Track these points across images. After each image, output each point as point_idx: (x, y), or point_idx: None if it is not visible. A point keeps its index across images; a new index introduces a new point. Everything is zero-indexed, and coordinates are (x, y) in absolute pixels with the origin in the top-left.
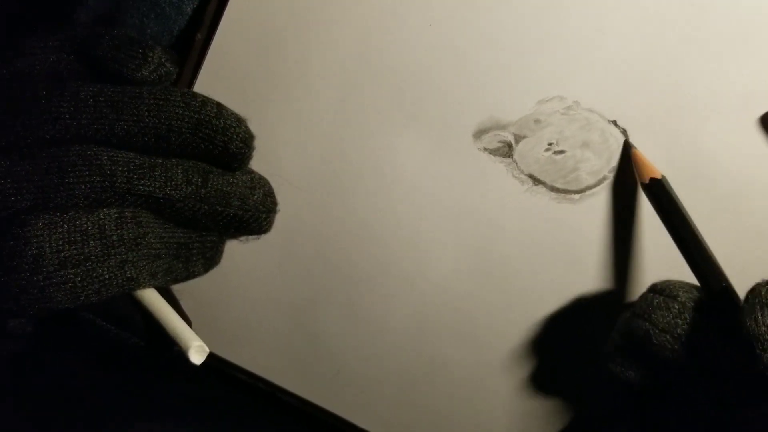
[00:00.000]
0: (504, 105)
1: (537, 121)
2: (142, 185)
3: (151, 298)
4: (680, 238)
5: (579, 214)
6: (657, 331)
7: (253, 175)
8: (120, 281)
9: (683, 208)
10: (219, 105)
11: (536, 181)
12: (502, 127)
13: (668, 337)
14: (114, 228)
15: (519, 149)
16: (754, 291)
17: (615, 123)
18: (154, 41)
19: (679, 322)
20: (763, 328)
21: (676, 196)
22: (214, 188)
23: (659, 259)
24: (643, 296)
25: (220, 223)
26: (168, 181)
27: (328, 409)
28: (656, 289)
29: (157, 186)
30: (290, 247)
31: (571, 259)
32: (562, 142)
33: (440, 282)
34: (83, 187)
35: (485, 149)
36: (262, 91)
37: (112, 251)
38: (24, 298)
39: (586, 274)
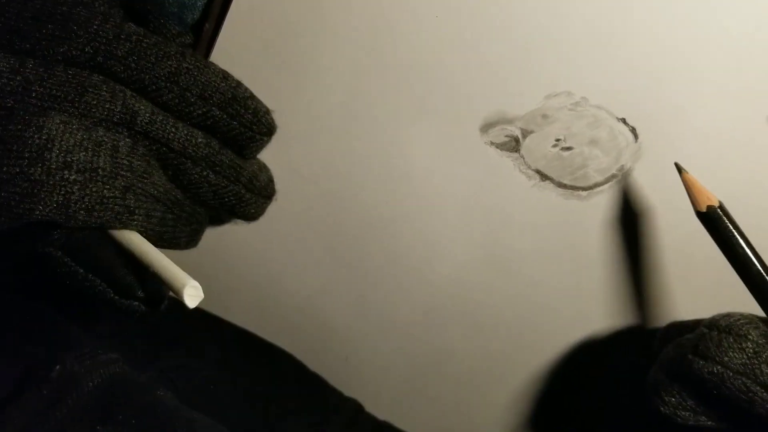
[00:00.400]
0: (511, 99)
1: (544, 117)
2: (163, 131)
3: (139, 241)
4: (743, 271)
5: (586, 211)
6: (731, 374)
7: (258, 159)
8: (117, 206)
9: (744, 236)
10: (251, 91)
11: (543, 176)
12: (509, 121)
13: (745, 380)
14: (126, 152)
15: (526, 144)
16: None
17: (624, 121)
18: None
19: (756, 363)
20: None
21: (736, 224)
22: (229, 158)
23: (666, 259)
24: (705, 335)
25: (220, 197)
26: (189, 136)
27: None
28: (720, 327)
29: (177, 137)
30: (300, 238)
31: (577, 256)
32: (569, 139)
33: (447, 274)
34: (101, 111)
35: (492, 143)
36: (270, 83)
37: (121, 173)
38: (10, 190)
39: (593, 270)
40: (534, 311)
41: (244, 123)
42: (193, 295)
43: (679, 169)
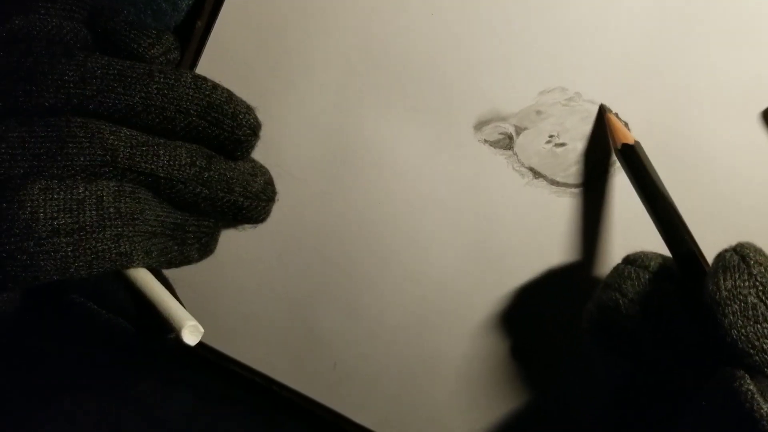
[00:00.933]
0: (505, 96)
1: (538, 113)
2: (145, 163)
3: (144, 278)
4: (651, 204)
5: (579, 209)
6: (626, 300)
7: (254, 163)
8: (113, 255)
9: (656, 174)
10: (229, 91)
11: (536, 174)
12: (503, 118)
13: (637, 307)
14: (112, 200)
15: (520, 141)
16: (719, 256)
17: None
18: None
19: (649, 290)
20: (724, 293)
21: (650, 162)
22: (218, 172)
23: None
24: (615, 267)
25: (219, 208)
26: (172, 160)
27: (324, 404)
28: (628, 260)
29: (160, 165)
30: (289, 239)
31: (571, 254)
32: (563, 135)
33: (439, 276)
34: (82, 159)
35: (486, 141)
36: (262, 80)
37: (108, 223)
38: (11, 265)
39: (587, 268)
40: (527, 310)
41: (226, 128)
42: (192, 333)
43: (605, 110)
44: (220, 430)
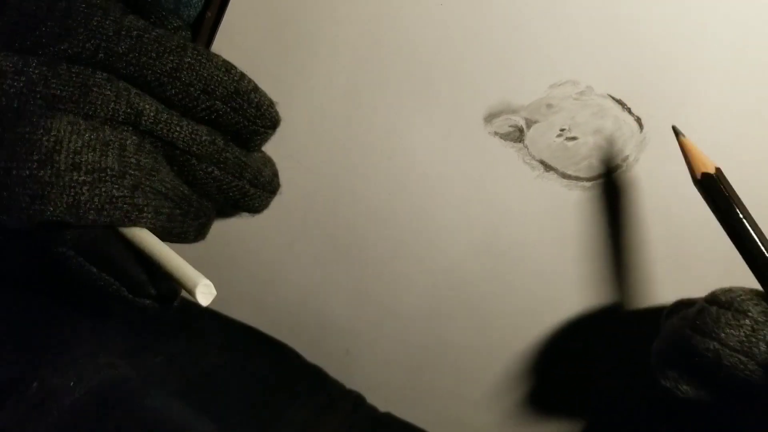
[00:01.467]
0: (516, 88)
1: (549, 106)
2: (167, 130)
3: (150, 239)
4: (741, 240)
5: (590, 202)
6: (728, 351)
7: (263, 153)
8: (126, 205)
9: (743, 205)
10: (255, 82)
11: (547, 167)
12: (514, 111)
13: (742, 357)
14: (134, 151)
15: (530, 134)
16: None
17: (629, 110)
18: None
19: (754, 341)
20: None
21: (734, 191)
22: (233, 155)
23: (671, 251)
24: (704, 310)
25: (225, 192)
26: (193, 134)
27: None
28: (720, 302)
29: (181, 135)
30: (301, 228)
31: (580, 247)
32: (574, 129)
33: (449, 266)
34: (106, 111)
35: (496, 133)
36: (272, 72)
37: (129, 171)
38: (20, 192)
39: (596, 262)
40: (537, 302)
41: (248, 117)
42: (205, 293)
43: (677, 132)
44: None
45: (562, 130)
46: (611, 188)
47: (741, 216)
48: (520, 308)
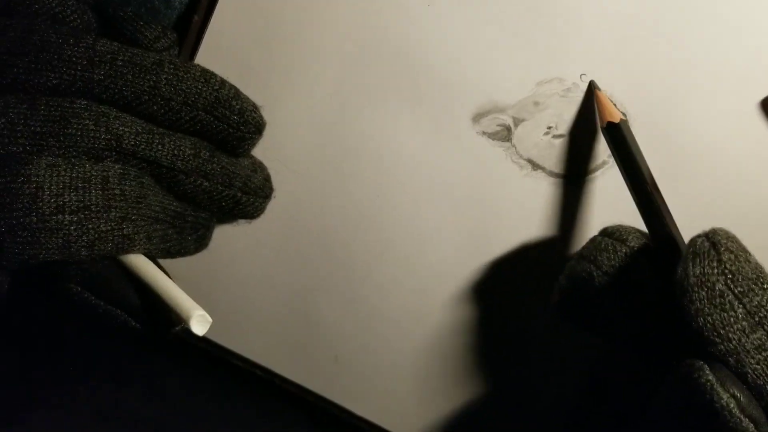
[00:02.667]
0: (503, 87)
1: (536, 104)
2: (149, 150)
3: (147, 268)
4: (633, 184)
5: (578, 199)
6: (600, 273)
7: (253, 159)
8: (116, 237)
9: (641, 154)
10: (236, 88)
11: (535, 165)
12: (501, 110)
13: (611, 280)
14: (117, 182)
15: (518, 133)
16: (691, 241)
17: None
18: None
19: (624, 265)
20: (692, 279)
21: (635, 142)
22: (220, 166)
23: None
24: (592, 238)
25: (217, 202)
26: (176, 150)
27: (325, 396)
28: (606, 232)
29: (164, 153)
30: (287, 232)
31: (570, 245)
32: (561, 126)
33: (438, 267)
34: (86, 141)
35: (484, 133)
36: (259, 75)
37: (114, 204)
38: (11, 240)
39: None
40: (526, 303)
41: (232, 124)
42: (201, 323)
43: (593, 86)
44: (218, 420)
45: (549, 127)
46: (598, 184)
47: (638, 161)
48: (510, 309)
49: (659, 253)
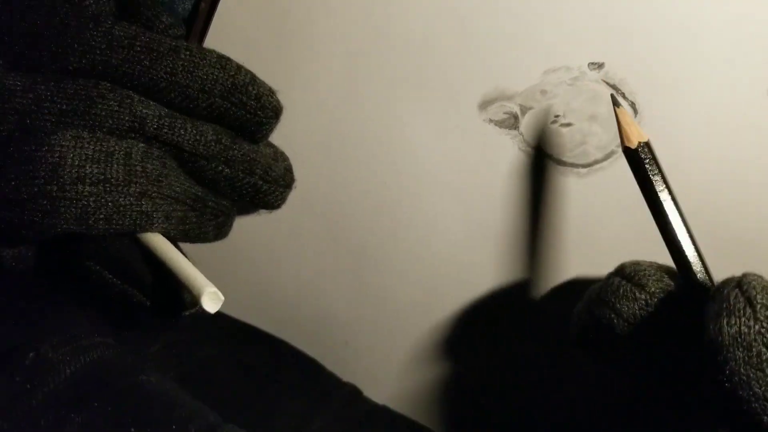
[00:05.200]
0: (510, 74)
1: (543, 92)
2: (171, 134)
3: (162, 245)
4: (658, 212)
5: (586, 189)
6: (621, 321)
7: (275, 148)
8: (134, 213)
9: (665, 179)
10: (252, 73)
11: (542, 154)
12: (508, 97)
13: (630, 330)
14: (140, 158)
15: (525, 121)
16: (722, 293)
17: (623, 96)
18: None
19: (645, 315)
20: (728, 338)
21: (659, 165)
22: (241, 152)
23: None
24: (610, 280)
25: (238, 189)
26: (198, 135)
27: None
28: (624, 274)
29: (186, 138)
30: (298, 219)
31: (577, 235)
32: (569, 115)
33: (446, 255)
34: (111, 121)
35: (491, 120)
36: (267, 62)
37: (134, 179)
38: (31, 209)
39: (592, 249)
40: (533, 291)
41: (249, 109)
42: (212, 300)
43: (615, 102)
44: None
45: (556, 116)
46: (607, 175)
47: (657, 192)
48: (517, 297)
49: (685, 297)
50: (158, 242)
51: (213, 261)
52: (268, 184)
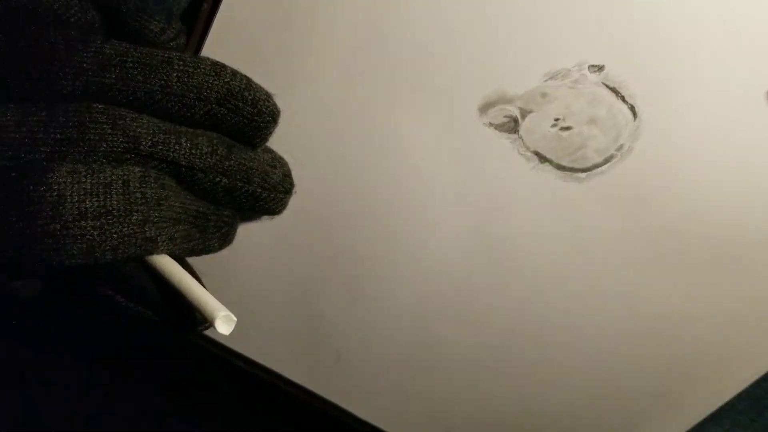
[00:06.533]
0: (510, 77)
1: (544, 95)
2: (167, 151)
3: (171, 267)
4: None
5: (585, 193)
6: None
7: (273, 154)
8: (139, 240)
9: None
10: (248, 78)
11: (542, 158)
12: (509, 100)
13: None
14: (138, 185)
15: (525, 125)
16: None
17: (623, 99)
18: None
19: None
20: None
21: None
22: (238, 162)
23: (665, 240)
24: None
25: (237, 198)
26: (193, 149)
27: (328, 399)
28: None
29: (182, 153)
30: (292, 224)
31: (576, 239)
32: (568, 118)
33: (444, 261)
34: (105, 145)
35: (491, 124)
36: (268, 64)
37: (135, 208)
38: (37, 247)
39: (591, 254)
40: (532, 297)
41: (246, 115)
42: (226, 323)
43: None
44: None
45: (556, 119)
46: (606, 179)
47: None
48: (516, 303)
49: None
50: (165, 263)
51: (201, 264)
52: (267, 192)
